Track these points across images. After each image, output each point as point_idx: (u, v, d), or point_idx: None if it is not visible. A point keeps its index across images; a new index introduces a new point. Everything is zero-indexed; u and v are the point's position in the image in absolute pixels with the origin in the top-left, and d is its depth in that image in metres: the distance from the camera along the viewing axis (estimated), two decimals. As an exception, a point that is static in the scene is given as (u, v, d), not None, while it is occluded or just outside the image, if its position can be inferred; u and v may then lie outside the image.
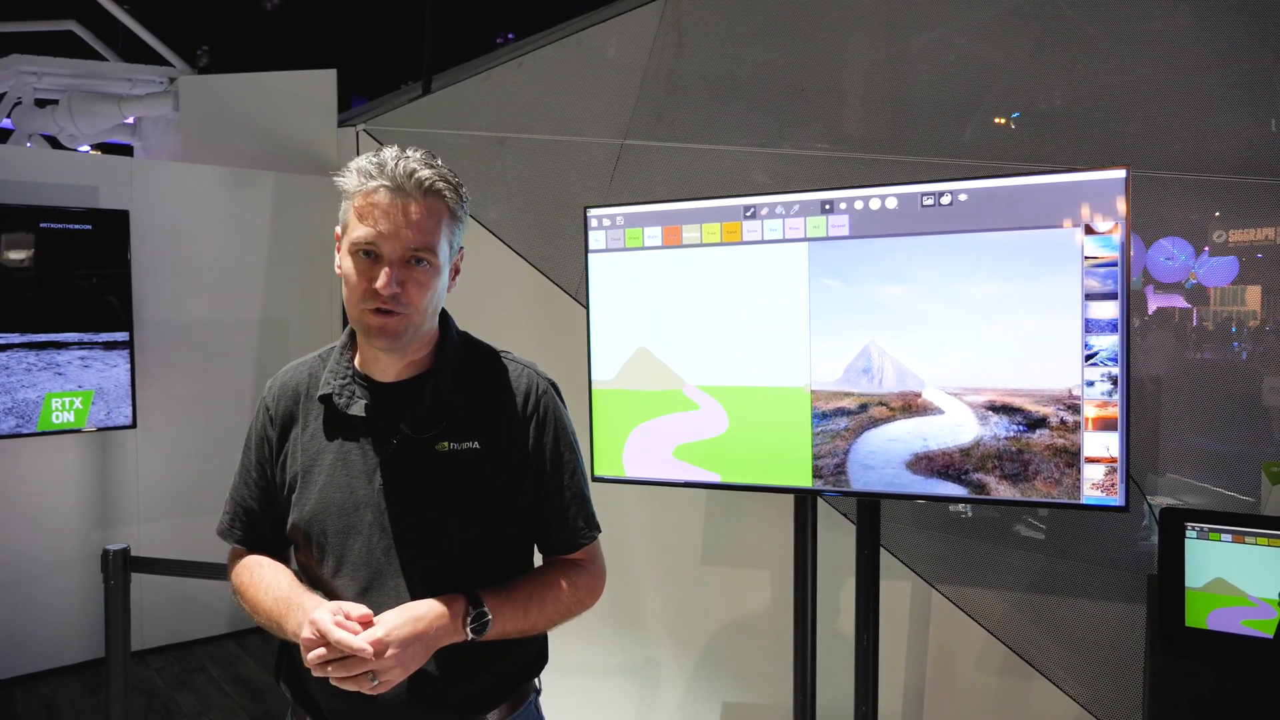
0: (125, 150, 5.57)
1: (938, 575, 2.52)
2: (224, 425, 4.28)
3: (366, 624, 1.15)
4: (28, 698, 3.68)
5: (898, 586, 2.53)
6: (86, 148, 5.12)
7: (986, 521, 2.46)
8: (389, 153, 1.22)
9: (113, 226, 3.85)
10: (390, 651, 1.13)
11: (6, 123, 4.88)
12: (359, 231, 1.21)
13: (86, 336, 3.80)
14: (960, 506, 2.46)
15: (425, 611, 1.19)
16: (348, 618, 1.14)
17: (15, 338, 3.64)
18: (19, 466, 3.82)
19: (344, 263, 1.24)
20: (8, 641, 3.81)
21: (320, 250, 4.54)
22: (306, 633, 1.14)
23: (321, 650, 1.13)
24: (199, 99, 4.58)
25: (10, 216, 3.64)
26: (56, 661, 3.92)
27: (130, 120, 5.14)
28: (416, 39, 4.19)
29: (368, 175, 1.21)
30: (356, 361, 1.33)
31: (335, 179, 1.26)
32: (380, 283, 1.19)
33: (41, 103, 4.92)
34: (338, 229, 1.28)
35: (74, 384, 3.77)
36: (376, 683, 1.14)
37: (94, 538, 3.99)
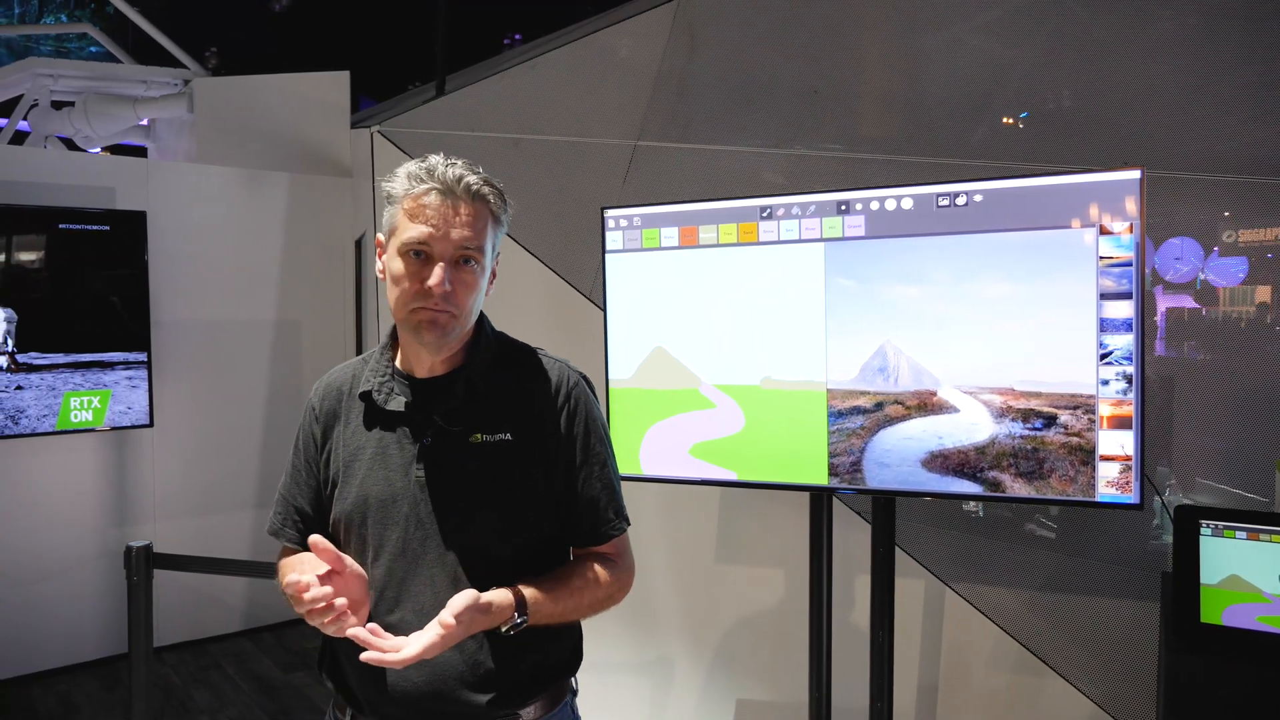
0: (138, 151, 5.61)
1: (951, 573, 2.53)
2: (239, 424, 4.32)
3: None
4: (45, 694, 3.71)
5: (911, 584, 2.55)
6: (96, 149, 5.16)
7: (999, 520, 2.48)
8: (435, 159, 1.28)
9: (130, 227, 3.89)
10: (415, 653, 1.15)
11: (23, 125, 4.93)
12: (411, 232, 1.25)
13: (105, 356, 3.84)
14: (971, 505, 2.48)
15: (461, 605, 1.19)
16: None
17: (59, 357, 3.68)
18: (38, 465, 3.86)
19: (391, 264, 1.28)
20: (25, 638, 3.85)
21: (334, 251, 4.58)
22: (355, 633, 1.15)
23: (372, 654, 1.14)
24: (213, 101, 4.62)
25: (30, 217, 3.68)
26: (73, 658, 3.96)
27: (144, 122, 5.18)
28: (422, 41, 4.23)
29: (417, 179, 1.26)
30: (397, 360, 1.37)
31: (382, 184, 1.31)
32: (434, 280, 1.24)
33: (58, 105, 4.96)
34: (379, 235, 1.33)
35: (92, 383, 3.81)
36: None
37: (110, 535, 4.03)
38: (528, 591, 1.26)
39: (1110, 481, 1.89)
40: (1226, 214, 2.22)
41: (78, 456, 3.95)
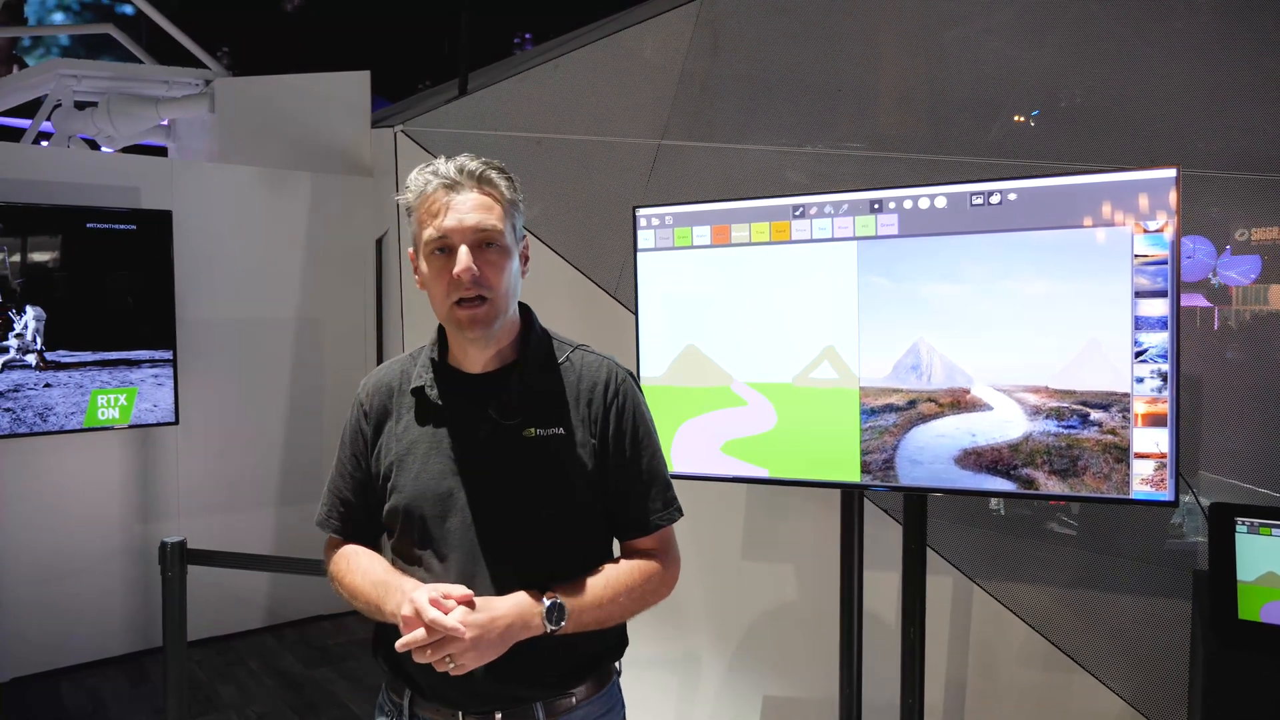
0: (156, 151, 5.64)
1: (978, 571, 2.54)
2: (261, 422, 4.36)
3: (466, 603, 1.23)
4: (74, 689, 3.75)
5: (939, 582, 2.55)
6: (109, 150, 5.19)
7: (1024, 518, 2.48)
8: (438, 160, 1.33)
9: (157, 227, 3.92)
10: (466, 638, 1.20)
11: (46, 125, 4.96)
12: (427, 231, 1.30)
13: (132, 354, 3.87)
14: (994, 503, 2.49)
15: (501, 609, 1.25)
16: (446, 598, 1.22)
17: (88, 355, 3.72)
18: (65, 462, 3.89)
19: (422, 269, 1.34)
20: (53, 634, 3.89)
21: (356, 250, 4.61)
22: (406, 610, 1.21)
23: (420, 632, 1.20)
24: (235, 101, 4.65)
25: (59, 217, 3.72)
26: (100, 653, 4.00)
27: (165, 121, 5.21)
28: (433, 41, 4.24)
29: (424, 183, 1.32)
30: (447, 357, 1.40)
31: (399, 200, 1.36)
32: (458, 267, 1.28)
33: (80, 105, 4.99)
34: (410, 249, 1.38)
35: (119, 381, 3.84)
36: (453, 666, 1.22)
37: (135, 532, 4.07)
38: (561, 588, 1.30)
39: (1145, 479, 1.90)
40: (1239, 212, 2.22)
41: (104, 454, 3.99)
